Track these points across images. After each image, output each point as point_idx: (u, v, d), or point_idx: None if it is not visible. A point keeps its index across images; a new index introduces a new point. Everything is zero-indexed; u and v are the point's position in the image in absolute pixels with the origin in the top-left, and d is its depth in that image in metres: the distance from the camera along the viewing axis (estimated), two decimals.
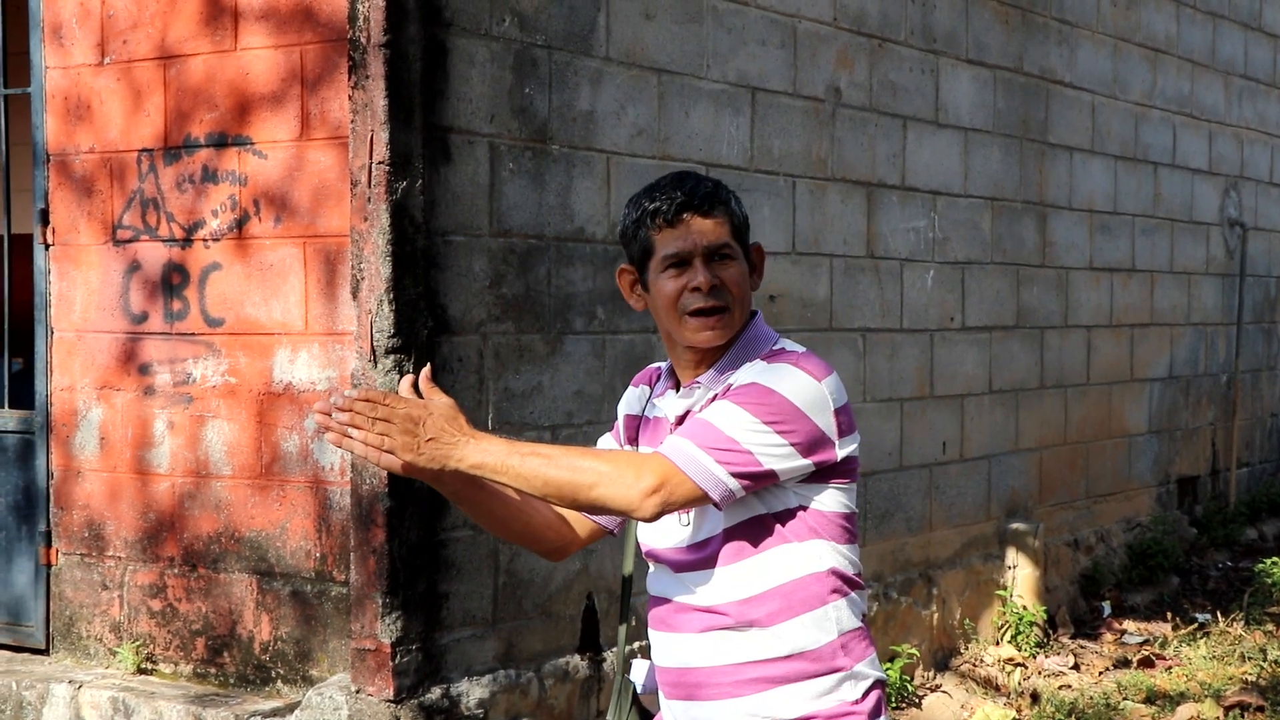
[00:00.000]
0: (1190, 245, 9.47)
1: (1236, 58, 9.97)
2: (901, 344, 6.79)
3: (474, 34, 4.76)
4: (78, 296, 5.29)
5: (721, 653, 2.60)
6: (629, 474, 2.48)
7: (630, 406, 2.84)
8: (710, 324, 2.60)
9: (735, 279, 2.61)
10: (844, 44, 6.44)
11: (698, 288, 2.58)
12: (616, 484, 2.47)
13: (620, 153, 5.32)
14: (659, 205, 2.60)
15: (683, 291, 2.59)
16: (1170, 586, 8.56)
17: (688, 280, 2.59)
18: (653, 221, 2.60)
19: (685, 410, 2.66)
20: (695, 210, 2.59)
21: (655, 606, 2.72)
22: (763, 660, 2.58)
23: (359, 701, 4.48)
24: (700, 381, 2.65)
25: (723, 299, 2.59)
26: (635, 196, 2.67)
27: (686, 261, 2.59)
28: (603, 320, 5.24)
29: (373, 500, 4.49)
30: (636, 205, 2.65)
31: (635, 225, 2.64)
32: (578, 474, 2.47)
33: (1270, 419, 10.69)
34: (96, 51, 5.19)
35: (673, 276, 2.60)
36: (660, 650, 2.71)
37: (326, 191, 4.73)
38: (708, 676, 2.62)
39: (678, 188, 2.61)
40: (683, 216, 2.59)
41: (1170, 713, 6.29)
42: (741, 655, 2.59)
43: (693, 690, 2.65)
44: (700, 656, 2.63)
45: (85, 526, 5.28)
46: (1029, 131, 7.75)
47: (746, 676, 2.59)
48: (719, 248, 2.60)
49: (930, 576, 6.83)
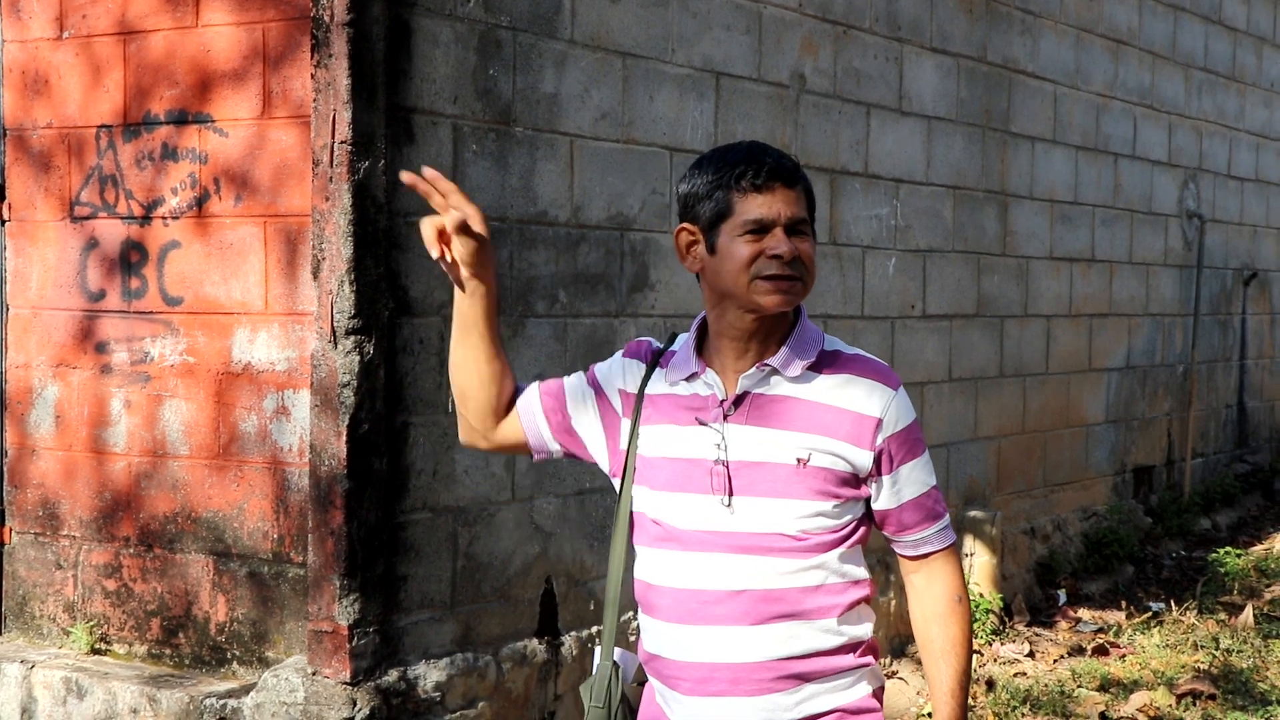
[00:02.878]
0: (1149, 236, 9.53)
1: (1197, 51, 10.03)
2: (863, 331, 6.81)
3: (438, 14, 4.73)
4: (34, 273, 5.23)
5: (768, 647, 2.58)
6: (965, 601, 2.70)
7: (624, 381, 2.76)
8: (784, 288, 2.55)
9: (810, 254, 2.58)
10: (809, 30, 6.43)
11: (778, 255, 2.54)
12: (971, 614, 2.70)
13: (584, 136, 5.30)
14: (746, 169, 2.55)
15: (759, 257, 2.54)
16: (1125, 575, 8.62)
17: (767, 247, 2.54)
18: (738, 183, 2.55)
19: (745, 391, 2.61)
20: (783, 180, 2.56)
21: (677, 598, 2.63)
22: (816, 653, 2.60)
23: (315, 684, 4.46)
24: (771, 363, 2.60)
25: (798, 270, 2.56)
26: (708, 158, 2.62)
27: (767, 229, 2.55)
28: (565, 304, 5.23)
29: (331, 481, 4.47)
30: (714, 166, 2.59)
31: (713, 185, 2.57)
32: (971, 653, 2.68)
33: (1225, 410, 10.78)
34: (55, 25, 5.13)
35: (750, 241, 2.55)
36: (680, 644, 2.64)
37: (288, 171, 4.70)
38: (747, 672, 2.59)
39: (765, 154, 2.57)
40: (772, 183, 2.55)
41: (1124, 700, 6.34)
42: (792, 649, 2.58)
43: (728, 686, 2.60)
44: (745, 650, 2.59)
45: (40, 505, 5.23)
46: (991, 121, 7.77)
47: (789, 672, 2.59)
48: (800, 221, 2.57)
49: (887, 563, 6.85)
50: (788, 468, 2.56)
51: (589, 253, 5.33)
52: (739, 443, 2.59)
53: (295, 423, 4.71)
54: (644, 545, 2.69)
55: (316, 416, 4.50)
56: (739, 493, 2.58)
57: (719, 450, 2.59)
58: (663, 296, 5.64)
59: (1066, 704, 6.30)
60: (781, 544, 2.57)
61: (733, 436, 2.60)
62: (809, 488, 2.57)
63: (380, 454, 4.55)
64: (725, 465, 2.59)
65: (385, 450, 4.57)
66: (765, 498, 2.57)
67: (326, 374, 4.47)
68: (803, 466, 2.56)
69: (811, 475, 2.57)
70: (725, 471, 2.58)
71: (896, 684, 6.51)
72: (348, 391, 4.44)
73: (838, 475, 2.58)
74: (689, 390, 2.66)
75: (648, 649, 2.71)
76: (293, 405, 4.71)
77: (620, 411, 2.74)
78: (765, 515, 2.57)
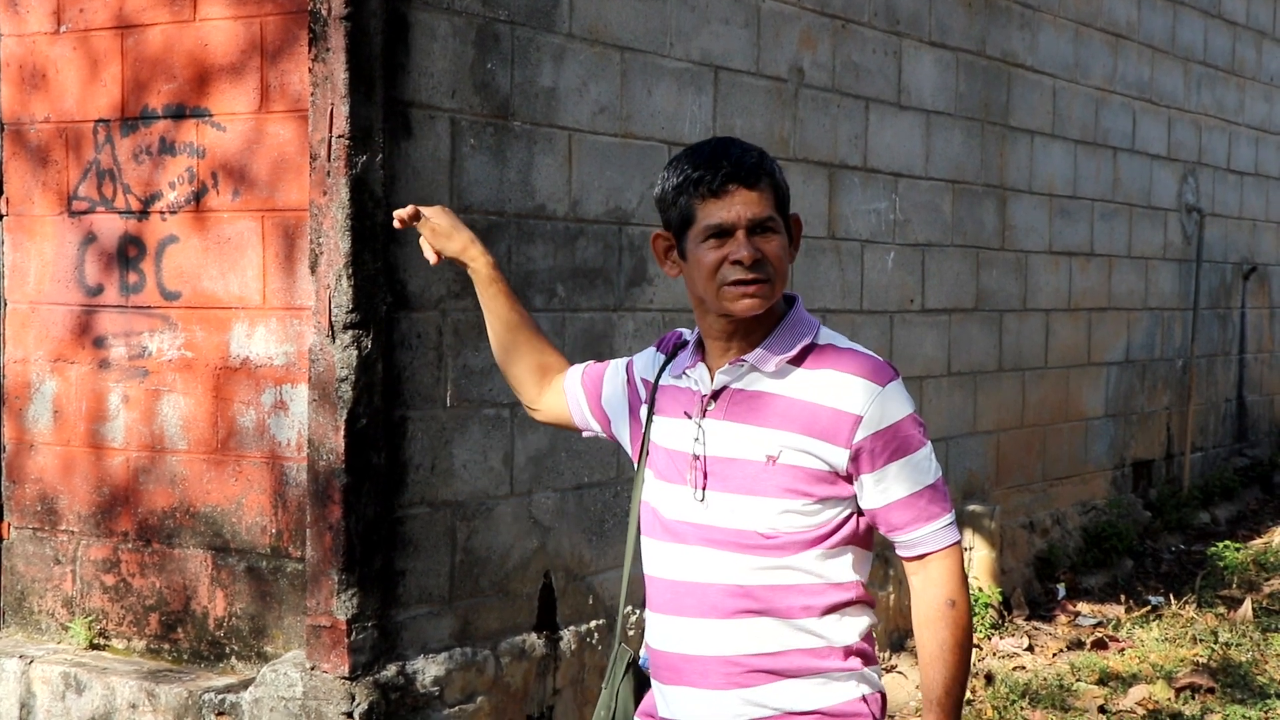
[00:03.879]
0: (1148, 230, 9.52)
1: (1196, 44, 10.02)
2: (861, 325, 6.80)
3: (436, 8, 4.72)
4: (32, 268, 5.23)
5: (736, 642, 2.57)
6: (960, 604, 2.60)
7: (645, 370, 2.82)
8: (749, 292, 2.53)
9: (776, 252, 2.55)
10: (807, 24, 6.43)
11: (739, 261, 2.52)
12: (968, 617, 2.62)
13: (582, 130, 5.30)
14: (703, 174, 2.53)
15: (723, 263, 2.53)
16: (1124, 569, 8.62)
17: (729, 252, 2.53)
18: (696, 190, 2.53)
19: (723, 386, 2.61)
20: (741, 182, 2.53)
21: (658, 587, 2.65)
22: (789, 651, 2.58)
23: (314, 678, 4.46)
24: (747, 360, 2.59)
25: (764, 272, 2.54)
26: (675, 160, 2.60)
27: (729, 233, 2.53)
28: (563, 298, 5.22)
29: (329, 476, 4.46)
30: (678, 170, 2.57)
31: (676, 192, 2.57)
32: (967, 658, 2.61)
33: (1224, 404, 10.78)
34: (52, 19, 5.12)
35: (714, 247, 2.54)
36: (662, 634, 2.65)
37: (285, 165, 4.69)
38: (716, 665, 2.58)
39: (723, 156, 2.54)
40: (728, 187, 2.52)
41: (1122, 694, 6.34)
42: (763, 646, 2.57)
43: (698, 678, 2.60)
44: (714, 644, 2.58)
45: (38, 500, 5.23)
46: (990, 115, 7.76)
47: (760, 667, 2.57)
48: (762, 221, 2.54)
49: (886, 557, 6.85)
50: (757, 464, 2.56)
51: (587, 247, 5.32)
52: (715, 438, 2.60)
53: (293, 417, 4.70)
54: (644, 534, 2.73)
55: (314, 411, 4.49)
56: (712, 488, 2.59)
57: (697, 444, 2.61)
58: (661, 291, 5.63)
59: (1065, 698, 6.30)
60: (752, 540, 2.56)
61: (710, 431, 2.61)
62: (779, 485, 2.55)
63: (378, 448, 4.54)
64: (701, 460, 2.60)
65: (383, 445, 4.57)
66: (736, 494, 2.57)
67: (324, 368, 4.47)
68: (772, 464, 2.55)
69: (781, 472, 2.55)
70: (701, 466, 2.60)
71: (895, 679, 6.51)
72: (345, 386, 4.44)
73: (811, 473, 2.55)
74: (685, 383, 2.69)
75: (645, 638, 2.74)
76: (291, 400, 4.71)
77: (643, 398, 2.79)
78: (736, 511, 2.57)
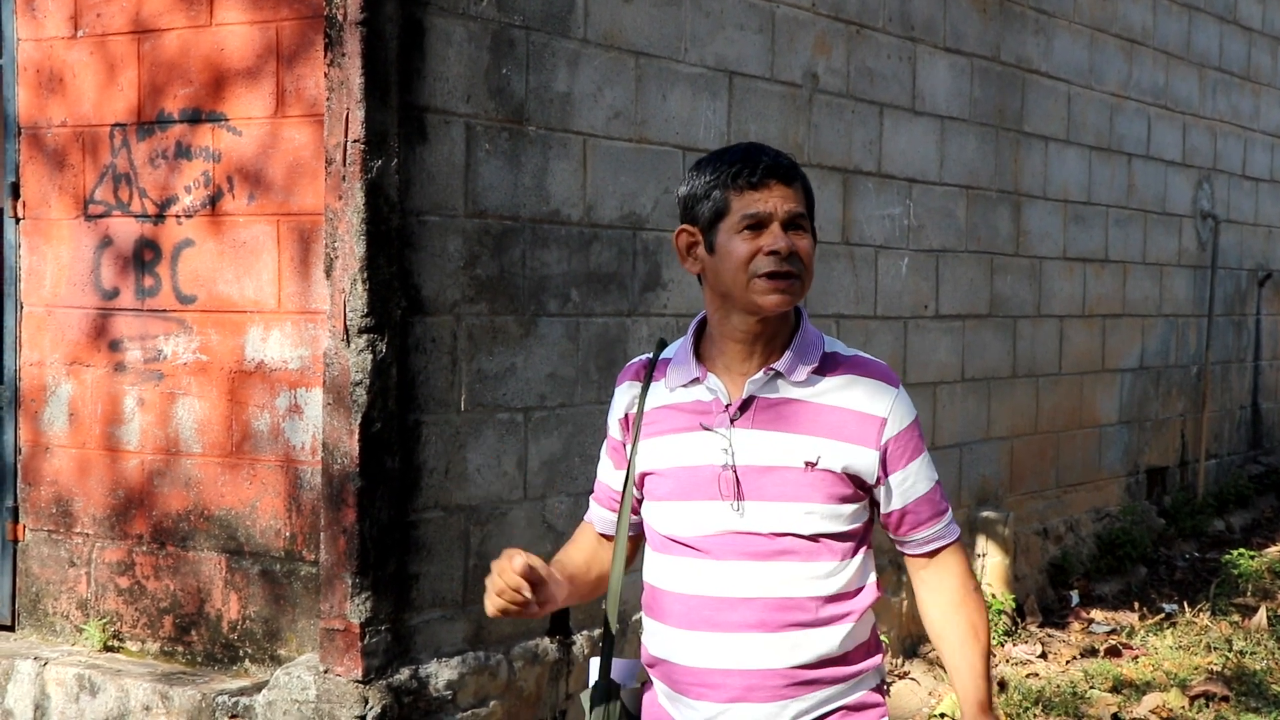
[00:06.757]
0: (1163, 237, 9.51)
1: (1211, 50, 10.00)
2: (875, 331, 6.80)
3: (451, 13, 4.73)
4: (48, 271, 5.25)
5: (782, 655, 2.57)
6: (979, 587, 2.73)
7: (622, 411, 2.75)
8: (780, 287, 2.53)
9: (807, 250, 2.57)
10: (822, 30, 6.43)
11: (775, 251, 2.52)
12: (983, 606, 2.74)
13: (597, 135, 5.30)
14: (741, 168, 2.54)
15: (756, 254, 2.53)
16: (1138, 576, 8.60)
17: (764, 243, 2.53)
18: (734, 182, 2.54)
19: (751, 395, 2.58)
20: (779, 177, 2.55)
21: (688, 604, 2.62)
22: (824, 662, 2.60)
23: (327, 681, 4.47)
24: (776, 367, 2.58)
25: (796, 267, 2.55)
26: (706, 160, 2.62)
27: (764, 225, 2.54)
28: (577, 303, 5.23)
29: (344, 480, 4.47)
30: (711, 167, 2.58)
31: (710, 185, 2.57)
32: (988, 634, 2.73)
33: (1239, 411, 10.75)
34: (70, 24, 5.14)
35: (748, 238, 2.54)
36: (692, 650, 2.61)
37: (301, 169, 4.70)
38: (761, 679, 2.57)
39: (760, 153, 2.57)
40: (767, 181, 2.54)
41: (1136, 702, 6.33)
42: (805, 656, 2.58)
43: (742, 693, 2.58)
44: (756, 658, 2.57)
45: (53, 502, 5.25)
46: (1005, 120, 7.76)
47: (803, 679, 2.59)
48: (797, 217, 2.56)
49: (899, 563, 6.83)
50: (797, 471, 2.55)
51: (601, 252, 5.33)
52: (747, 447, 2.58)
53: (308, 421, 4.71)
54: (654, 550, 2.69)
55: (329, 415, 4.50)
56: (749, 497, 2.56)
57: (726, 455, 2.58)
58: (675, 296, 5.63)
59: (1079, 705, 6.28)
60: (794, 547, 2.56)
61: (740, 441, 2.58)
62: (819, 490, 2.56)
63: (392, 452, 4.55)
64: (734, 470, 2.57)
65: (397, 449, 4.57)
66: (776, 501, 2.56)
67: (339, 372, 4.48)
68: (811, 470, 2.55)
69: (821, 478, 2.56)
70: (734, 477, 2.57)
71: (908, 684, 6.50)
72: (360, 390, 4.45)
73: (847, 477, 2.58)
74: (690, 396, 2.64)
75: (653, 653, 2.68)
76: (305, 403, 4.72)
77: (624, 440, 2.75)
78: (776, 519, 2.56)
